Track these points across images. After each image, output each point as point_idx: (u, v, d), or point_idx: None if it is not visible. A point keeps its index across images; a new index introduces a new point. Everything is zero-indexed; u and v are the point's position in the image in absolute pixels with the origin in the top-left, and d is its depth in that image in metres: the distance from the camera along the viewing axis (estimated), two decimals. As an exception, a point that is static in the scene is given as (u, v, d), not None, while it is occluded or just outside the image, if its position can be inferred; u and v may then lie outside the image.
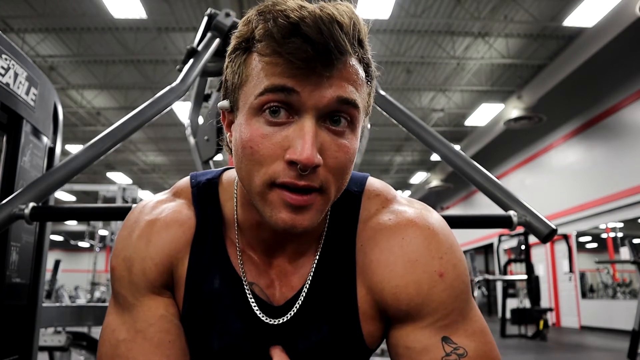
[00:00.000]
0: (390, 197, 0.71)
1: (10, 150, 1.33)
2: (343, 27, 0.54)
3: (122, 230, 0.70)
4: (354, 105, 0.57)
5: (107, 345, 0.66)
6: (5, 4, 7.29)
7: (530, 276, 7.98)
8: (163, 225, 0.68)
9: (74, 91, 10.25)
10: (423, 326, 0.63)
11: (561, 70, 8.56)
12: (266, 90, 0.55)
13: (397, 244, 0.65)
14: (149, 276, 0.66)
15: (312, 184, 0.56)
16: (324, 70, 0.54)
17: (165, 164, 15.43)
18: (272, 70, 0.55)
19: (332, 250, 0.68)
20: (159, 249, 0.66)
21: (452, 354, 0.62)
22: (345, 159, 0.58)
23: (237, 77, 0.59)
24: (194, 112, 2.06)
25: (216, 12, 1.80)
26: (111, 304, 0.69)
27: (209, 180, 0.73)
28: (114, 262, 0.68)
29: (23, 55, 1.36)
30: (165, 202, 0.71)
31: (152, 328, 0.65)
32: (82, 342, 2.87)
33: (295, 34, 0.52)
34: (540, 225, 1.23)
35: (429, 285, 0.63)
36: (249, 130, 0.57)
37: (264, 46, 0.55)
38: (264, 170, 0.56)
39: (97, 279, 9.36)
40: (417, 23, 7.90)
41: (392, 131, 11.46)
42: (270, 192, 0.57)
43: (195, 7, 7.39)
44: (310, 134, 0.54)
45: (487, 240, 14.68)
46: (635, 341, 4.80)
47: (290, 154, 0.54)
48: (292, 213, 0.57)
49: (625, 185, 8.68)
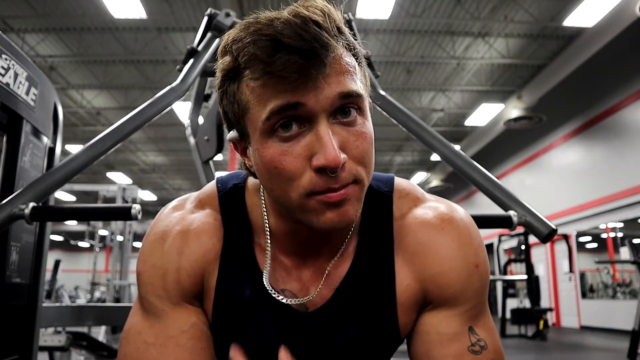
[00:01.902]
0: (420, 196, 0.73)
1: (10, 150, 1.32)
2: (319, 24, 0.54)
3: (150, 237, 0.70)
4: (356, 95, 0.57)
5: (132, 346, 0.66)
6: (5, 4, 7.28)
7: (530, 276, 7.98)
8: (194, 237, 0.68)
9: (74, 91, 10.24)
10: (456, 314, 0.67)
11: (561, 70, 8.56)
12: (272, 113, 0.55)
13: (437, 234, 0.68)
14: (183, 286, 0.67)
15: (345, 182, 0.57)
16: (319, 73, 0.54)
17: (165, 164, 15.43)
18: (271, 91, 0.55)
19: (368, 246, 0.70)
20: (192, 261, 0.68)
21: (476, 344, 0.65)
22: (366, 144, 0.59)
23: (237, 106, 0.59)
24: (194, 112, 2.06)
25: (216, 12, 1.80)
26: (136, 306, 0.70)
27: (235, 186, 0.73)
28: (142, 267, 0.68)
29: (23, 55, 1.36)
30: (194, 211, 0.72)
31: (185, 335, 0.65)
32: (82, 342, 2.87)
33: (279, 50, 0.52)
34: (540, 225, 1.23)
35: (468, 274, 0.67)
36: (267, 152, 0.57)
37: (253, 71, 0.55)
38: (296, 184, 0.57)
39: (97, 279, 9.35)
40: (417, 23, 7.89)
41: (392, 131, 11.45)
42: (310, 201, 0.58)
43: (195, 7, 7.39)
44: (328, 136, 0.55)
45: (487, 240, 14.67)
46: (635, 341, 4.80)
47: (316, 162, 0.55)
48: (336, 210, 0.58)
49: (625, 185, 8.67)
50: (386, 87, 9.44)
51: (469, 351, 0.65)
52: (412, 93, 10.58)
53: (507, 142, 11.99)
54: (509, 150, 12.89)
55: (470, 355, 0.64)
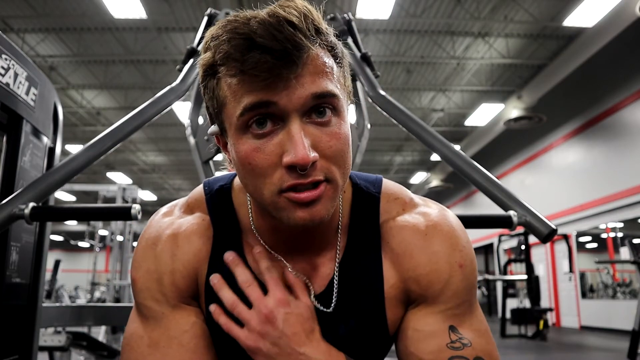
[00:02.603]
0: (408, 200, 0.74)
1: (10, 150, 1.32)
2: (294, 24, 0.55)
3: (141, 243, 0.72)
4: (331, 95, 0.58)
5: (136, 352, 0.67)
6: (5, 4, 7.28)
7: (530, 276, 7.99)
8: (185, 239, 0.70)
9: (74, 91, 10.24)
10: (435, 312, 0.67)
11: (561, 70, 8.56)
12: (245, 110, 0.56)
13: (422, 238, 0.69)
14: (179, 288, 0.68)
15: (315, 178, 0.58)
16: (290, 73, 0.55)
17: (165, 164, 15.43)
18: (244, 89, 0.56)
19: (356, 245, 0.71)
20: (185, 261, 0.69)
21: (457, 342, 0.65)
22: (340, 144, 0.59)
23: (215, 102, 0.61)
24: (194, 112, 2.06)
25: (216, 12, 1.80)
26: (134, 313, 0.71)
27: (222, 187, 0.74)
28: (136, 273, 0.69)
29: (23, 55, 1.36)
30: (182, 215, 0.73)
31: (187, 334, 0.67)
32: (82, 342, 2.87)
33: (251, 48, 0.53)
34: (540, 225, 1.23)
35: (449, 274, 0.67)
36: (242, 147, 0.59)
37: (228, 68, 0.57)
38: (268, 181, 0.58)
39: (97, 279, 9.35)
40: (417, 23, 7.89)
41: (392, 131, 11.46)
42: (280, 198, 0.59)
43: (195, 7, 7.39)
44: (299, 135, 0.56)
45: (487, 240, 14.68)
46: (635, 341, 4.80)
47: (286, 159, 0.56)
48: (307, 209, 0.58)
49: (625, 185, 8.67)
50: (386, 87, 9.44)
51: (448, 347, 0.65)
52: (412, 93, 10.58)
53: (507, 142, 11.99)
54: (509, 150, 12.89)
55: (450, 351, 0.64)
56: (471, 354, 0.64)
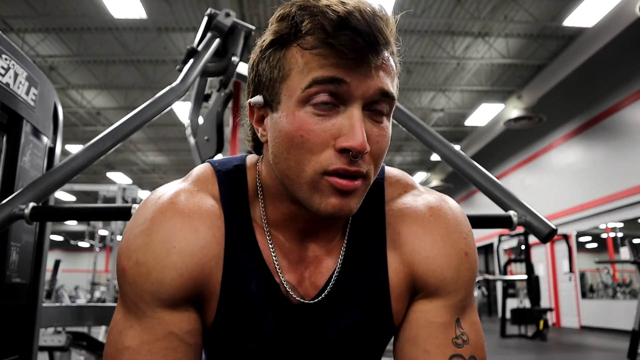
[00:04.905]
0: (410, 183, 0.75)
1: (10, 150, 1.32)
2: (385, 21, 0.57)
3: (133, 227, 0.62)
4: (392, 97, 0.60)
5: (112, 347, 0.62)
6: (5, 4, 7.29)
7: (530, 276, 7.98)
8: (190, 229, 0.61)
9: (74, 91, 10.24)
10: (447, 304, 0.67)
11: (561, 70, 8.55)
12: (315, 82, 0.56)
13: (426, 220, 0.69)
14: (168, 288, 0.60)
15: (360, 169, 0.58)
16: (371, 62, 0.56)
17: (165, 164, 15.43)
18: (321, 62, 0.56)
19: (361, 232, 0.70)
20: (186, 257, 0.61)
21: (459, 338, 0.66)
22: (384, 145, 0.61)
23: (277, 72, 0.60)
24: (194, 112, 2.06)
25: (216, 12, 1.80)
26: (120, 304, 0.64)
27: (237, 167, 0.70)
28: (125, 263, 0.61)
29: (23, 55, 1.36)
30: (186, 195, 0.65)
31: (160, 343, 0.60)
32: (82, 342, 2.86)
33: (345, 27, 0.54)
34: (540, 225, 1.23)
35: (458, 261, 0.67)
36: (296, 120, 0.58)
37: (313, 39, 0.56)
38: (315, 159, 0.57)
39: (97, 279, 9.35)
40: (417, 23, 7.90)
41: (392, 131, 11.43)
42: (322, 179, 0.58)
43: (195, 7, 7.39)
44: (360, 122, 0.57)
45: (487, 240, 14.68)
46: (635, 341, 4.80)
47: (343, 142, 0.56)
48: (341, 198, 0.58)
49: (625, 185, 8.67)
50: (386, 87, 9.41)
51: (452, 343, 0.65)
52: (412, 93, 10.58)
53: (507, 142, 11.99)
54: (509, 150, 12.89)
55: (453, 347, 0.65)
56: (467, 352, 0.65)
